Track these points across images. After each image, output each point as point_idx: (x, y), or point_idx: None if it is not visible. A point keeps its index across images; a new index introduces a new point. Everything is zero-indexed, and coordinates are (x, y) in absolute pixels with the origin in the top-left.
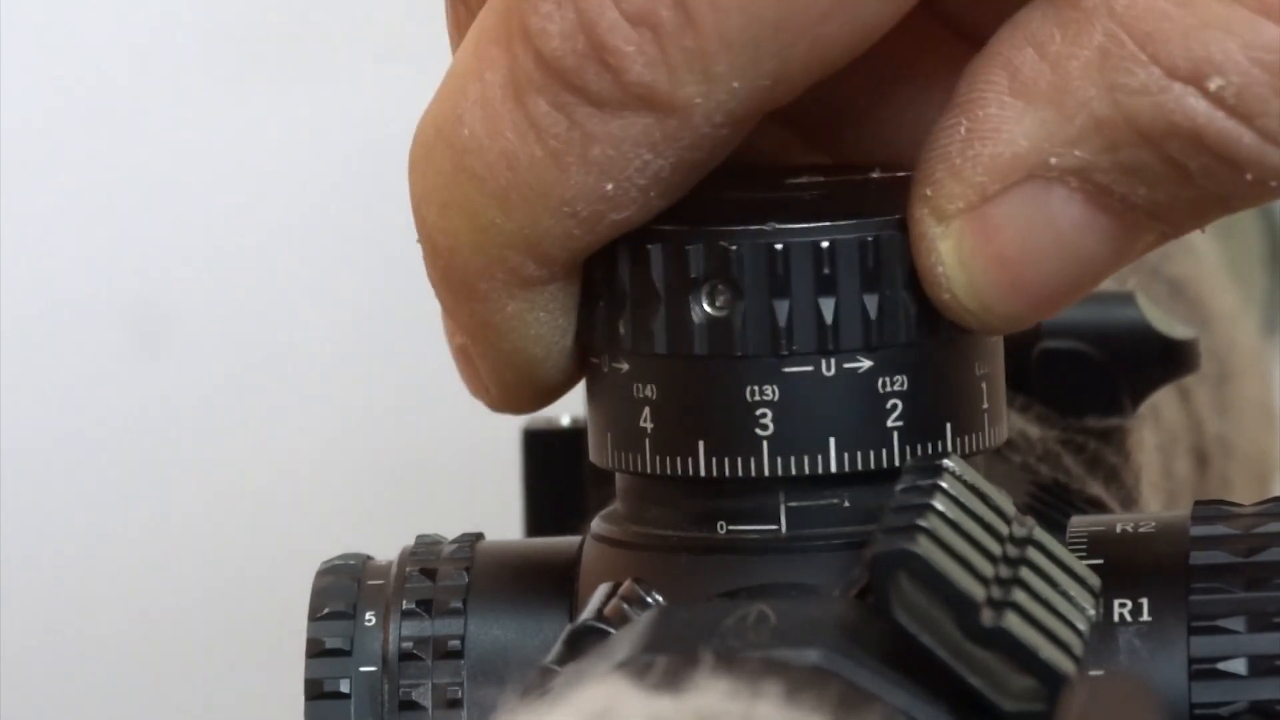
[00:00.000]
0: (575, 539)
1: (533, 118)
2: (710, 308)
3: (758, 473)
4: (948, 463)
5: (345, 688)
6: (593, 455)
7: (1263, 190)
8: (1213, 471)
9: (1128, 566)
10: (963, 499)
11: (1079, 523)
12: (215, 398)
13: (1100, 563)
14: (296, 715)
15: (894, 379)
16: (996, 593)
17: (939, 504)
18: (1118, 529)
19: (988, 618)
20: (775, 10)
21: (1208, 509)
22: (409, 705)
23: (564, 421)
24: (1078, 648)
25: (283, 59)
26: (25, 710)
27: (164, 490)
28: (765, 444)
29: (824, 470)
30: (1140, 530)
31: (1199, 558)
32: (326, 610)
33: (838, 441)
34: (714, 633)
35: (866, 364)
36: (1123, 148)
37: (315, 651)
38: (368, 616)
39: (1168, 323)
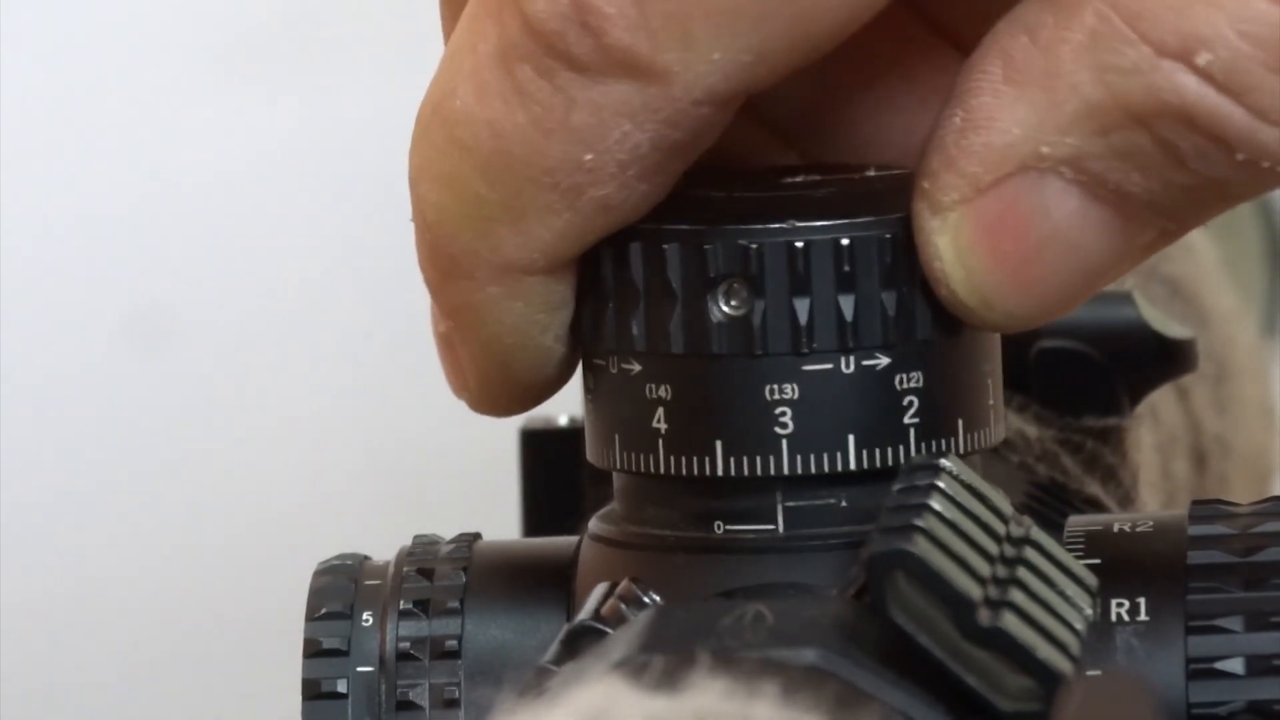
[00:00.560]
0: (572, 539)
1: (518, 84)
2: (727, 307)
3: (776, 472)
4: (945, 462)
5: (342, 688)
6: (594, 457)
7: (1256, 174)
8: (1211, 471)
9: (1125, 566)
10: (960, 499)
11: (1076, 522)
12: (214, 398)
13: (1098, 562)
14: (294, 715)
15: (910, 375)
16: (993, 592)
17: (936, 504)
18: (1115, 528)
19: (985, 617)
20: None
21: (1205, 508)
22: (406, 705)
23: (562, 421)
24: (1075, 647)
25: (283, 59)
26: (25, 710)
27: (162, 490)
28: (784, 442)
29: (843, 468)
30: (1138, 530)
31: (1197, 557)
32: (324, 610)
33: (856, 439)
34: (711, 632)
35: (884, 361)
36: (1114, 131)
37: (312, 652)
38: (365, 617)
39: (1166, 322)
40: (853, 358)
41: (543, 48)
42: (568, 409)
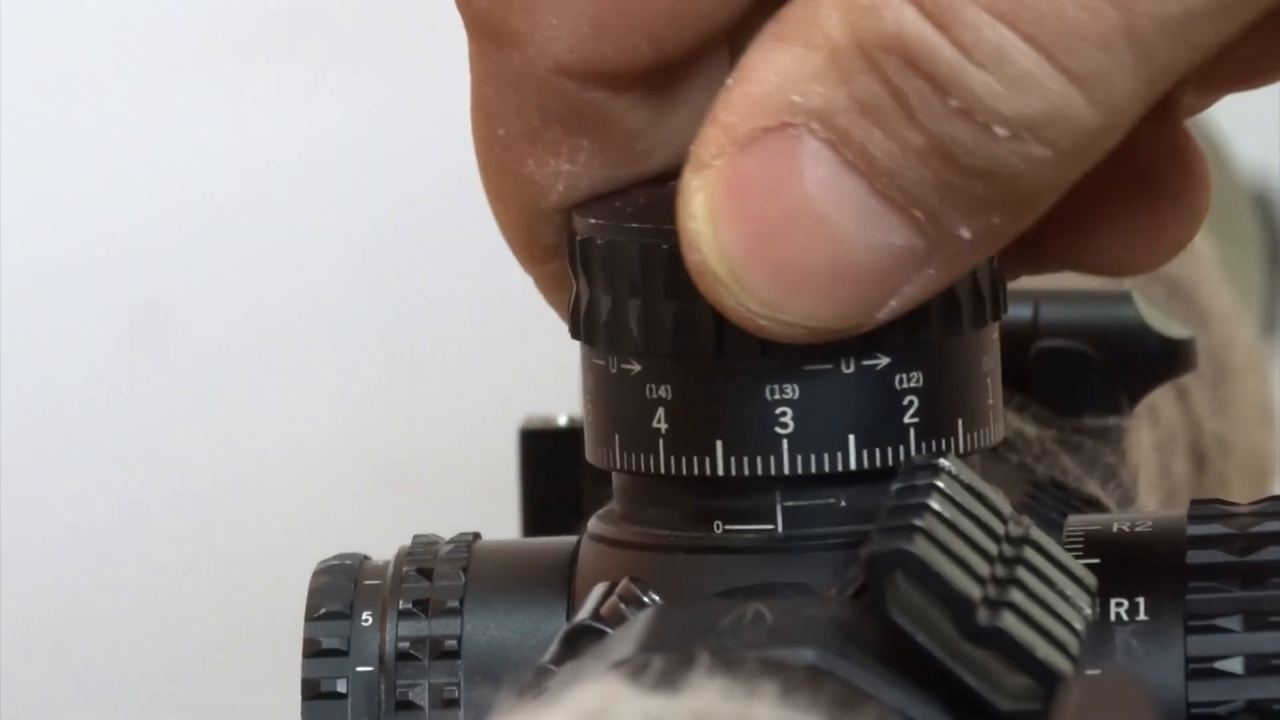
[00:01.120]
0: (572, 539)
1: (470, 63)
2: None
3: (777, 471)
4: (944, 462)
5: (342, 688)
6: (592, 457)
7: (977, 134)
8: (1210, 471)
9: (1124, 566)
10: (959, 499)
11: (1076, 522)
12: (213, 397)
13: (1097, 562)
14: (293, 715)
15: (910, 375)
16: (993, 592)
17: (935, 504)
18: (1114, 528)
19: (984, 617)
20: None
21: (1205, 508)
22: (406, 705)
23: (561, 421)
24: (1074, 647)
25: (283, 59)
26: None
27: (162, 490)
28: (785, 442)
29: (843, 468)
30: (1137, 529)
31: (1196, 557)
32: (323, 610)
33: (857, 439)
34: (710, 632)
35: (884, 361)
36: (854, 77)
37: (312, 651)
38: (364, 616)
39: (1165, 322)
40: (853, 357)
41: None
42: (567, 409)
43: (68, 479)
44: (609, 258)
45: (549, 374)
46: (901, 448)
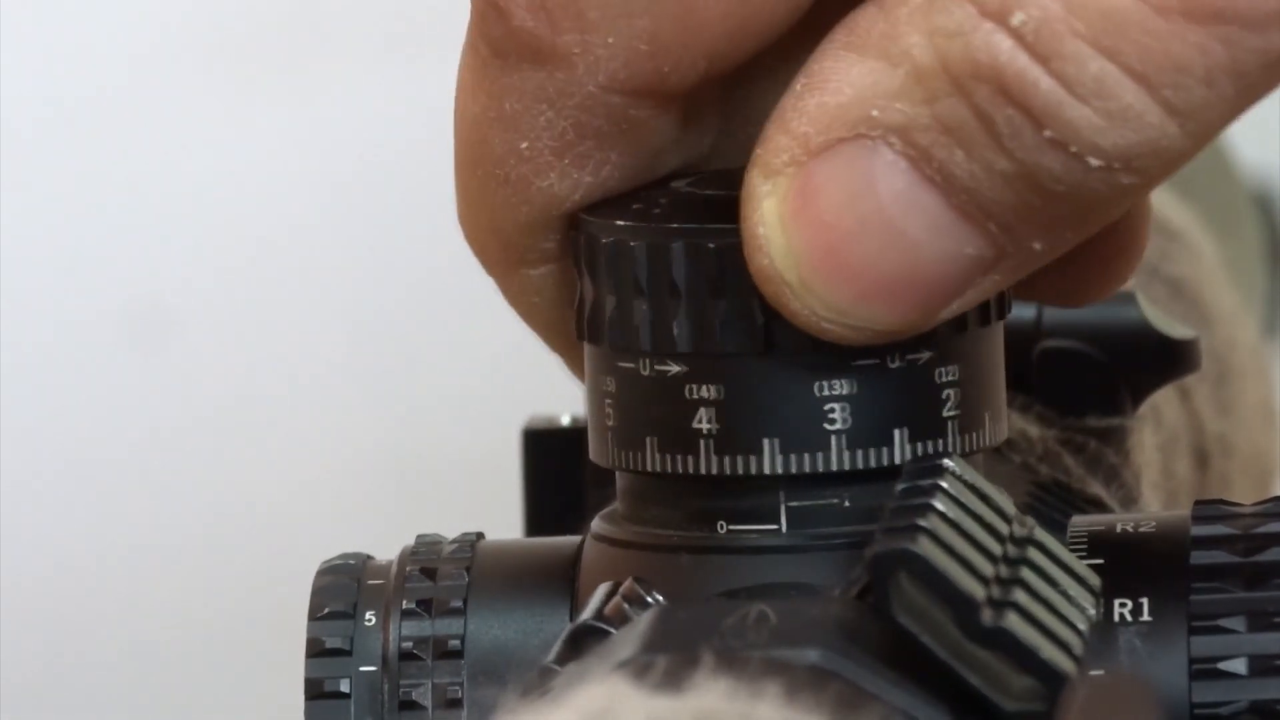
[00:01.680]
0: (575, 539)
1: (468, 75)
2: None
3: (825, 468)
4: (948, 463)
5: (345, 687)
6: (613, 460)
7: (1069, 163)
8: (1213, 471)
9: (1128, 566)
10: (963, 499)
11: (1079, 522)
12: (215, 398)
13: (1100, 562)
14: (296, 715)
15: (948, 369)
16: (997, 592)
17: (939, 504)
18: (1118, 529)
19: (988, 617)
20: None
21: (1208, 509)
22: (409, 705)
23: (564, 421)
24: (1078, 647)
25: (283, 59)
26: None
27: (163, 490)
28: (833, 439)
29: (890, 463)
30: (1140, 530)
31: (1199, 557)
32: (326, 610)
33: (902, 434)
34: (714, 632)
35: (926, 355)
36: (939, 99)
37: (315, 651)
38: (368, 616)
39: (1168, 322)
40: (899, 352)
41: (478, 36)
42: (570, 409)
43: (68, 479)
44: (648, 259)
45: (552, 374)
46: (942, 441)
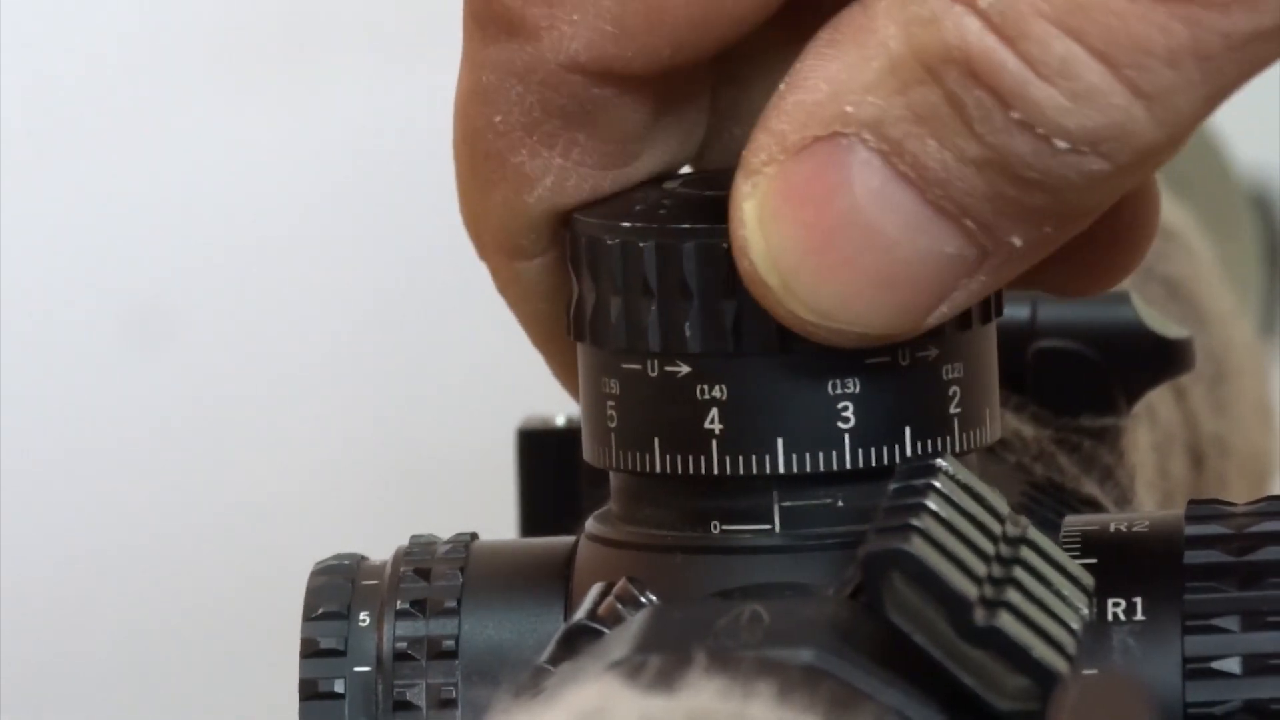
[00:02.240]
0: (570, 539)
1: (465, 51)
2: None
3: (840, 467)
4: (941, 462)
5: (339, 688)
6: (612, 462)
7: (1036, 145)
8: (1208, 471)
9: (1122, 566)
10: (956, 498)
11: (1073, 522)
12: (213, 398)
13: (1094, 562)
14: (291, 716)
15: (953, 366)
16: (990, 592)
17: (932, 503)
18: (1112, 528)
19: (981, 617)
20: None
21: (1202, 508)
22: (403, 705)
23: (559, 422)
24: (1071, 647)
25: (283, 59)
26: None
27: (160, 490)
28: (846, 437)
29: (898, 459)
30: (1134, 529)
31: (1193, 557)
32: (321, 610)
33: (912, 431)
34: (707, 632)
35: (934, 352)
36: (911, 87)
37: (309, 652)
38: (362, 617)
39: (1163, 322)
40: (908, 350)
41: (465, 9)
42: (564, 409)
43: (67, 480)
44: (658, 260)
45: (547, 375)
46: (948, 438)
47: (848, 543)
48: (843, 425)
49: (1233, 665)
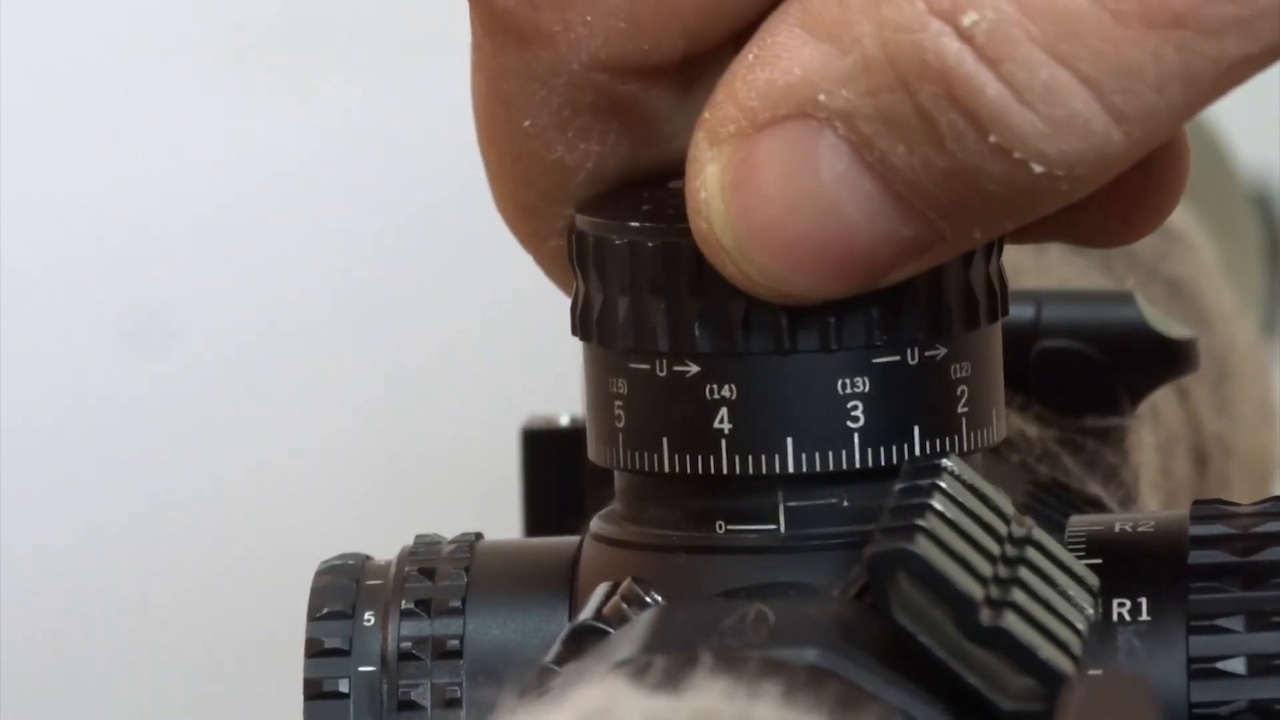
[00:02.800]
0: (574, 539)
1: (473, 55)
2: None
3: (850, 466)
4: (946, 462)
5: (344, 688)
6: (619, 462)
7: (1009, 168)
8: (1212, 471)
9: (1126, 566)
10: (961, 499)
11: (1078, 522)
12: (214, 398)
13: (1099, 562)
14: (295, 715)
15: (961, 365)
16: (995, 592)
17: (938, 504)
18: (1116, 528)
19: (986, 617)
20: None
21: (1206, 508)
22: (408, 705)
23: (563, 421)
24: (1076, 647)
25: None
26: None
27: (162, 490)
28: (856, 436)
29: (906, 456)
30: (1139, 530)
31: (1198, 557)
32: (325, 610)
33: (920, 430)
34: (712, 632)
35: (942, 351)
36: (884, 92)
37: (314, 651)
38: (366, 616)
39: (1166, 322)
40: (917, 349)
41: (474, 18)
42: (569, 409)
43: (68, 480)
44: (664, 260)
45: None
46: (956, 438)
47: (853, 543)
48: (852, 424)
49: (1237, 665)
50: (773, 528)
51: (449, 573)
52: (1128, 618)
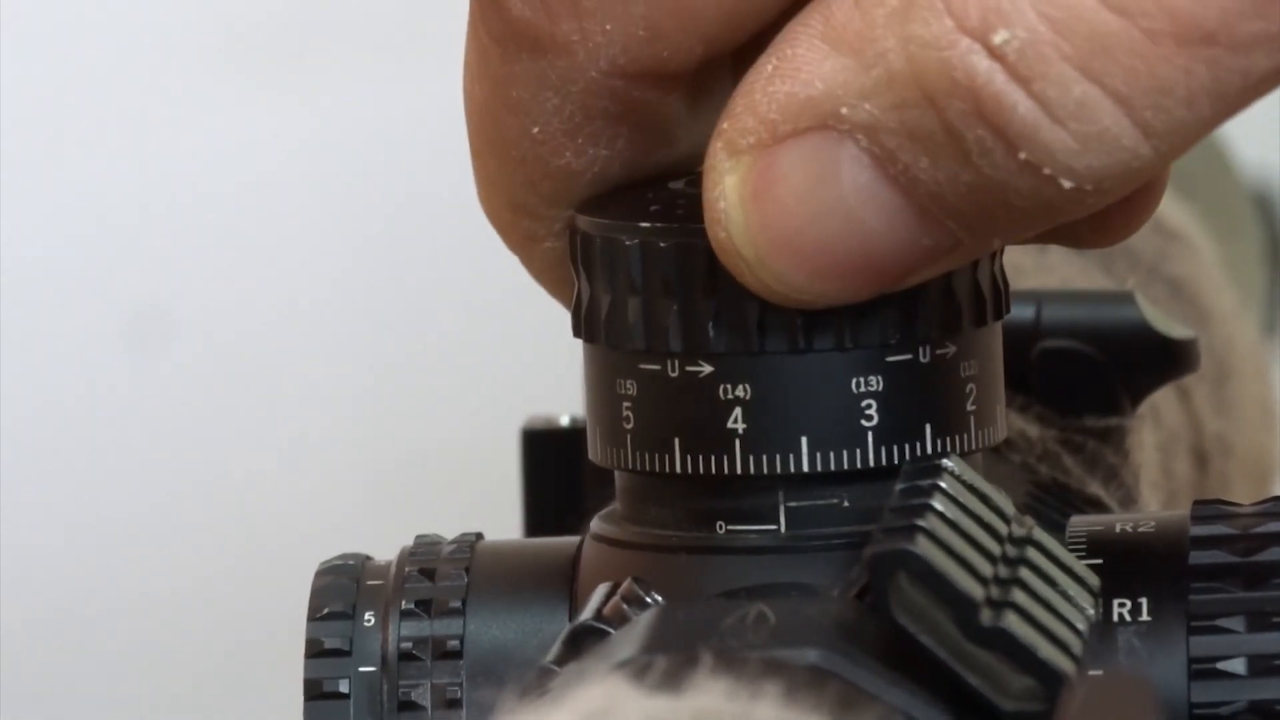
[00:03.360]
0: (574, 539)
1: (473, 61)
2: None
3: (863, 465)
4: (947, 463)
5: (344, 688)
6: (626, 463)
7: (1038, 184)
8: (1212, 471)
9: (1127, 566)
10: (962, 499)
11: (1078, 522)
12: (214, 398)
13: (1099, 562)
14: (296, 716)
15: (970, 363)
16: (996, 592)
17: (938, 504)
18: (1117, 529)
19: (987, 617)
20: None
21: (1207, 509)
22: (408, 705)
23: (563, 422)
24: (1077, 647)
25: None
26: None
27: (162, 490)
28: (870, 435)
29: (921, 451)
30: (1139, 530)
31: (1198, 557)
32: (326, 610)
33: (932, 428)
34: (713, 633)
35: (952, 349)
36: (909, 107)
37: (314, 652)
38: (367, 617)
39: (1167, 322)
40: (928, 348)
41: (478, 26)
42: (569, 409)
43: (68, 480)
44: (678, 260)
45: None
46: (965, 436)
47: (853, 543)
48: (866, 423)
49: (1238, 666)
50: (773, 528)
51: (449, 573)
52: (1128, 618)
